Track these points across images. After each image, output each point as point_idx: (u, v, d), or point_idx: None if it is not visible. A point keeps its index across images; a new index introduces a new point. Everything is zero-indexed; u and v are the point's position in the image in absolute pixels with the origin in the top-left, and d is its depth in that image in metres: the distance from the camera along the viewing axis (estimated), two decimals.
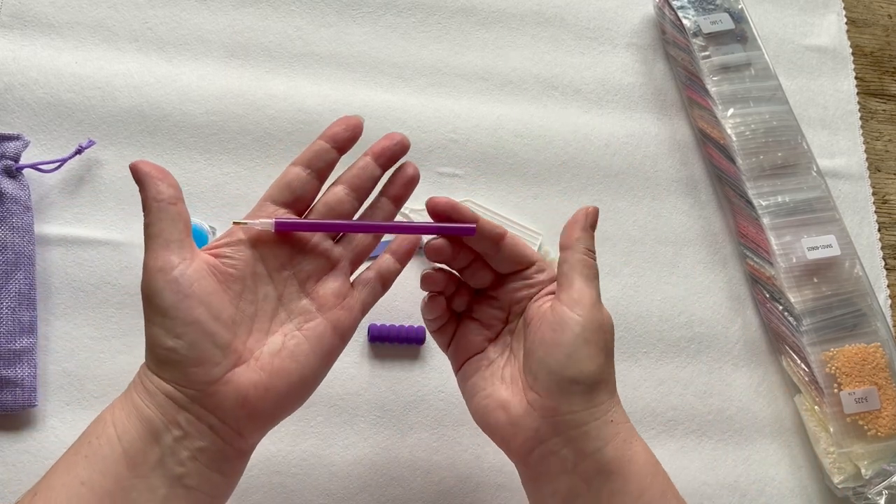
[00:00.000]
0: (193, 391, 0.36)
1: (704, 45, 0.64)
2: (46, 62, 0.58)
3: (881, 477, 0.55)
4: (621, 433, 0.39)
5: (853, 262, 0.59)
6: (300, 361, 0.38)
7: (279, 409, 0.38)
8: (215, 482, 0.37)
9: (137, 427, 0.36)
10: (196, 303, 0.36)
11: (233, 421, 0.37)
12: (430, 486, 0.54)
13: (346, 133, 0.41)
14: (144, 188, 0.37)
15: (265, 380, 0.37)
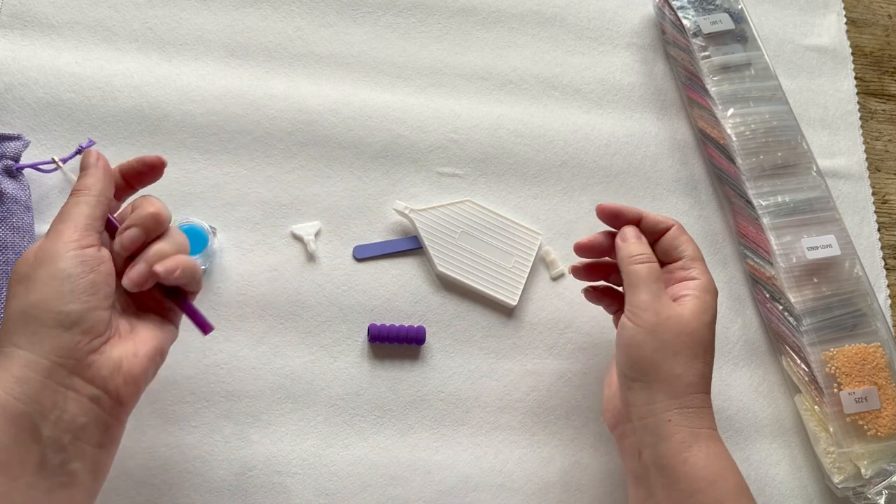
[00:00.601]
0: (73, 360, 0.37)
1: (704, 45, 0.64)
2: (46, 62, 0.58)
3: (881, 477, 0.55)
4: (678, 435, 0.44)
5: (853, 262, 0.59)
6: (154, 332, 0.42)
7: (148, 370, 0.41)
8: (97, 458, 0.38)
9: (8, 431, 0.35)
10: (103, 277, 0.39)
11: (112, 388, 0.39)
12: (430, 486, 0.54)
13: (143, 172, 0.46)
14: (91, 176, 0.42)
15: (131, 347, 0.40)
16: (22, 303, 0.37)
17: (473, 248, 0.59)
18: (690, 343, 0.45)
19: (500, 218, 0.60)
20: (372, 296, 0.57)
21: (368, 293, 0.58)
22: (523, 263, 0.59)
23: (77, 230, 0.39)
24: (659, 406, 0.44)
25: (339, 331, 0.56)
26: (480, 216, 0.60)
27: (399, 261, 0.59)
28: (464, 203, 0.60)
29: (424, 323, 0.57)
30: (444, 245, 0.59)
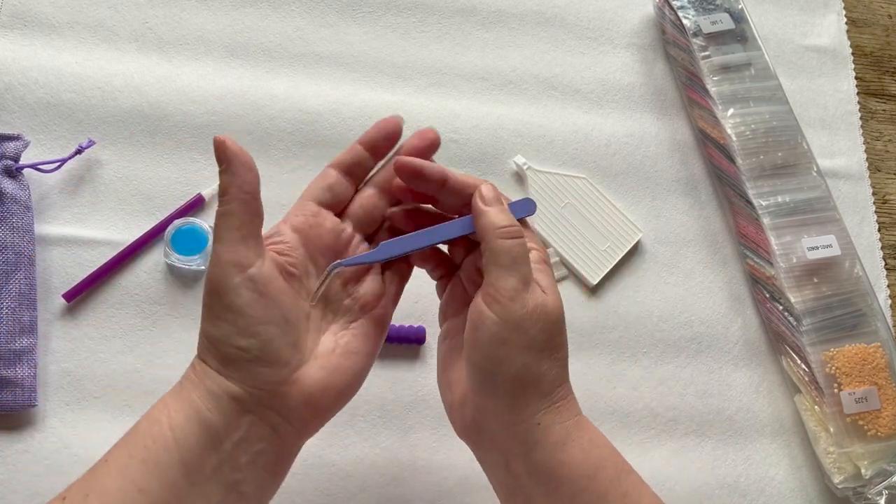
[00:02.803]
0: (262, 392, 0.35)
1: (704, 45, 0.64)
2: (46, 62, 0.58)
3: (881, 477, 0.55)
4: (551, 437, 0.37)
5: (853, 262, 0.59)
6: (353, 359, 0.38)
7: (337, 404, 0.39)
8: (267, 484, 0.37)
9: (197, 433, 0.34)
10: (272, 302, 0.35)
11: (297, 420, 0.36)
12: (430, 486, 0.54)
13: (385, 143, 0.40)
14: (233, 174, 0.35)
15: (326, 377, 0.37)
16: (207, 330, 0.35)
17: (574, 221, 0.61)
18: (556, 333, 0.37)
19: (609, 203, 0.62)
20: None
21: None
22: (616, 250, 0.61)
23: (232, 249, 0.35)
24: (526, 411, 0.37)
25: None
26: (590, 195, 0.62)
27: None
28: (580, 179, 0.62)
29: (424, 323, 0.57)
30: (547, 209, 0.61)
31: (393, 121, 0.40)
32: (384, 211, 0.41)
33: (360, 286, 0.40)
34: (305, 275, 0.38)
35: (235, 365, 0.35)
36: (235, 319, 0.34)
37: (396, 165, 0.39)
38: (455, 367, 0.40)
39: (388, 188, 0.41)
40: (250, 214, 0.35)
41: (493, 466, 0.39)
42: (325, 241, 0.39)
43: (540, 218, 0.61)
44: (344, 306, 0.40)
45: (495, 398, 0.37)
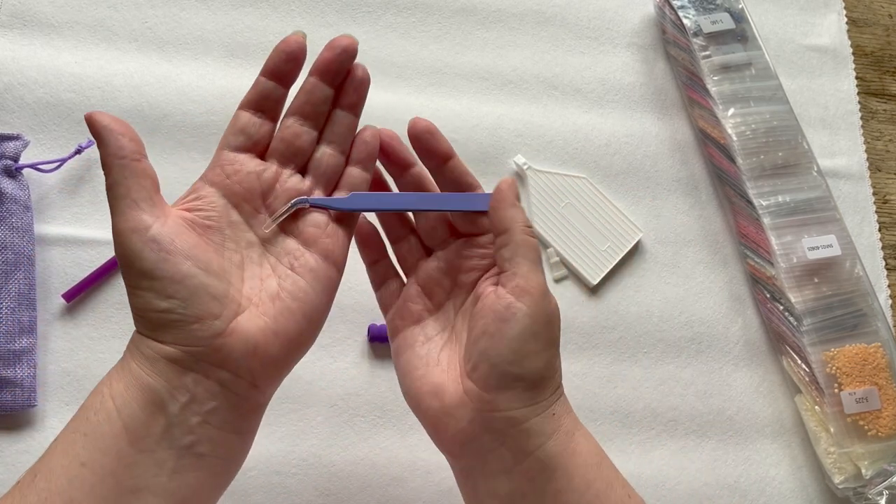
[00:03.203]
0: (198, 348, 0.34)
1: (705, 44, 0.64)
2: (46, 62, 0.58)
3: (881, 477, 0.55)
4: (563, 426, 0.37)
5: (854, 262, 0.59)
6: (301, 299, 0.36)
7: (292, 351, 0.37)
8: (230, 444, 0.36)
9: (138, 398, 0.33)
10: (181, 258, 0.34)
11: (246, 372, 0.35)
12: (430, 486, 0.54)
13: (289, 65, 0.38)
14: (104, 143, 0.35)
15: (271, 324, 0.35)
16: (130, 303, 0.35)
17: (574, 220, 0.61)
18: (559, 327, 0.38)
19: (609, 203, 0.62)
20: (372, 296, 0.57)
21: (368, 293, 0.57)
22: (616, 250, 0.61)
23: (125, 217, 0.34)
24: (543, 403, 0.36)
25: (339, 331, 0.56)
26: (590, 195, 0.62)
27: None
28: (580, 179, 0.62)
29: None
30: (547, 209, 0.61)
31: (292, 39, 0.37)
32: (309, 138, 0.39)
33: (300, 221, 0.38)
34: (228, 224, 0.37)
35: (163, 328, 0.34)
36: (151, 284, 0.33)
37: (411, 123, 0.39)
38: (435, 371, 0.38)
39: (310, 112, 0.38)
40: (135, 177, 0.35)
41: (492, 475, 0.37)
42: (245, 186, 0.37)
43: (540, 218, 0.61)
44: (285, 247, 0.38)
45: (512, 392, 0.36)
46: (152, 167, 0.36)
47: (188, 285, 0.34)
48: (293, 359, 0.38)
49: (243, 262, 0.37)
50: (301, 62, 0.38)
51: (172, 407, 0.34)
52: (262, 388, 0.36)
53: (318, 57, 0.38)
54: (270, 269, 0.37)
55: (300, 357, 0.38)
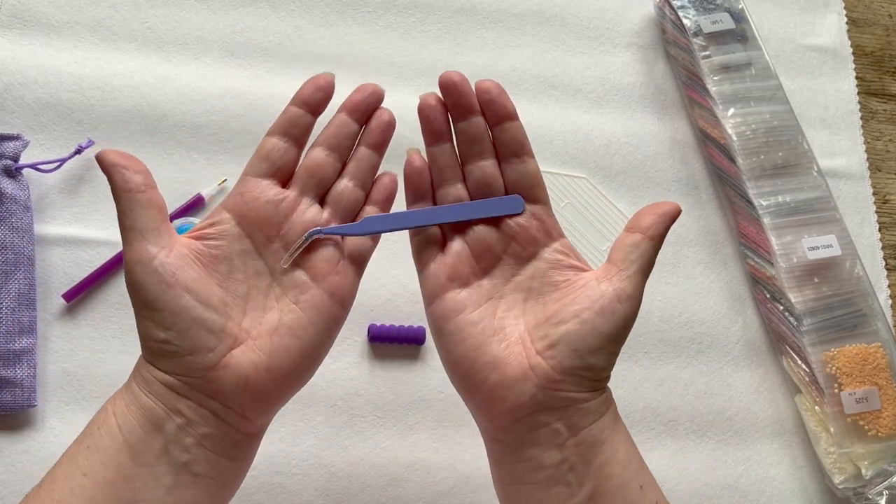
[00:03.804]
0: (192, 378, 0.35)
1: (705, 44, 0.64)
2: (46, 62, 0.58)
3: (882, 477, 0.55)
4: (612, 405, 0.39)
5: (854, 262, 0.59)
6: (299, 336, 0.37)
7: (284, 388, 0.37)
8: (224, 467, 0.37)
9: (138, 416, 0.35)
10: (181, 291, 0.35)
11: (236, 405, 0.36)
12: (430, 486, 0.54)
13: (319, 94, 0.39)
14: (112, 179, 0.36)
15: (265, 360, 0.36)
16: (137, 329, 0.36)
17: (574, 221, 0.61)
18: None
19: (609, 203, 0.62)
20: (372, 296, 0.57)
21: (368, 293, 0.58)
22: None
23: (132, 248, 0.35)
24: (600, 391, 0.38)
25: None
26: (590, 196, 0.62)
27: (399, 261, 0.59)
28: (580, 179, 0.62)
29: (424, 323, 0.57)
30: None
31: (321, 76, 0.39)
32: (332, 169, 0.39)
33: (312, 253, 0.38)
34: (238, 253, 0.37)
35: (161, 357, 0.35)
36: (151, 315, 0.35)
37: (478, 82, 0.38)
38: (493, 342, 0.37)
39: (336, 144, 0.39)
40: (141, 209, 0.36)
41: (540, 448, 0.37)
42: (261, 215, 0.37)
43: None
44: (293, 279, 0.38)
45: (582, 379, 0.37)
46: (160, 197, 0.37)
47: (185, 318, 0.35)
48: (286, 394, 0.38)
49: (249, 293, 0.37)
50: (330, 94, 0.39)
51: (169, 427, 0.35)
52: (252, 419, 0.37)
53: (348, 97, 0.40)
54: (274, 301, 0.38)
55: (294, 392, 0.38)
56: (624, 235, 0.39)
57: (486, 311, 0.38)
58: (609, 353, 0.37)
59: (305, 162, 0.39)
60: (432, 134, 0.39)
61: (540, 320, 0.38)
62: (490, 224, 0.39)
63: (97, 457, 0.35)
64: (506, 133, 0.40)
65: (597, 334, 0.37)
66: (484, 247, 0.39)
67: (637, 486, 0.38)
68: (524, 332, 0.38)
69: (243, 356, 0.36)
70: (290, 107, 0.39)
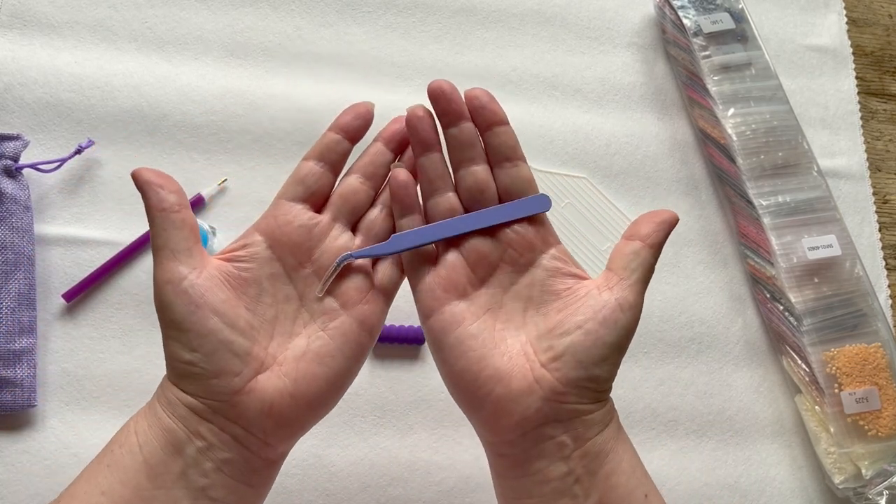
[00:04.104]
0: (216, 402, 0.35)
1: (705, 44, 0.64)
2: (46, 62, 0.58)
3: (882, 477, 0.55)
4: (615, 415, 0.39)
5: (854, 262, 0.59)
6: (326, 364, 0.36)
7: (308, 415, 0.37)
8: (242, 494, 0.36)
9: (159, 437, 0.35)
10: (209, 313, 0.35)
11: (258, 430, 0.36)
12: (430, 486, 0.54)
13: (357, 122, 0.39)
14: (147, 197, 0.36)
15: (290, 386, 0.36)
16: (164, 348, 0.36)
17: (574, 221, 0.61)
18: None
19: (609, 203, 0.62)
20: None
21: None
22: None
23: (162, 268, 0.35)
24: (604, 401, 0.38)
25: None
26: (591, 196, 0.62)
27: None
28: (580, 179, 0.62)
29: None
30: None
31: (362, 104, 0.40)
32: (366, 196, 0.39)
33: (342, 280, 0.38)
34: (268, 277, 0.37)
35: (186, 378, 0.35)
36: (178, 336, 0.35)
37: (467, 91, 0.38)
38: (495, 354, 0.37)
39: (372, 173, 0.39)
40: (174, 229, 0.36)
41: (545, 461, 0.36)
42: (293, 239, 0.37)
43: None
44: (323, 306, 0.37)
45: (588, 390, 0.37)
46: (193, 217, 0.37)
47: (212, 340, 0.35)
48: (310, 422, 0.38)
49: (276, 317, 0.37)
50: (369, 123, 0.39)
51: (189, 450, 0.35)
52: (274, 445, 0.37)
53: (385, 127, 0.40)
54: (302, 326, 0.37)
55: (317, 420, 0.38)
56: (623, 243, 0.38)
57: (485, 323, 0.38)
58: (613, 363, 0.37)
59: (340, 189, 0.39)
60: (421, 144, 0.39)
61: (542, 331, 0.37)
62: (484, 233, 0.39)
63: (116, 476, 0.34)
64: (497, 138, 0.39)
65: (601, 345, 0.36)
66: (479, 256, 0.38)
67: (642, 495, 0.38)
68: (526, 344, 0.37)
69: (268, 382, 0.36)
70: (329, 133, 0.39)
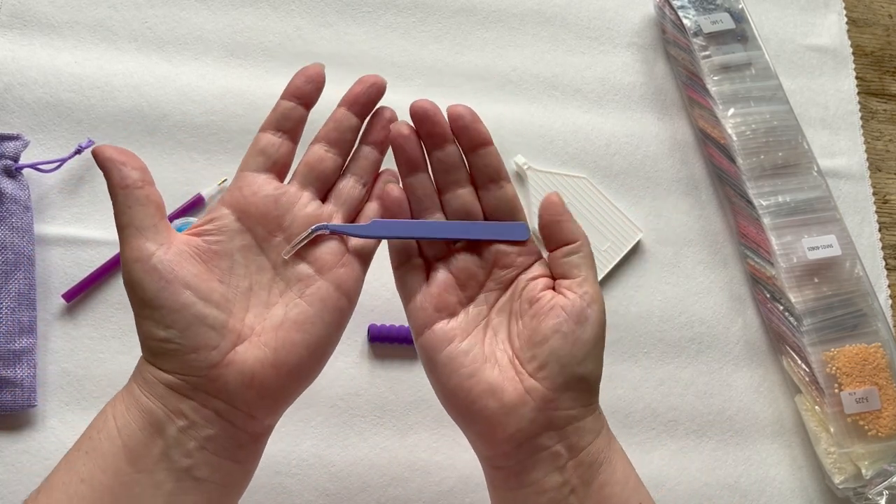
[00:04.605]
0: (195, 378, 0.34)
1: (705, 44, 0.64)
2: (46, 62, 0.58)
3: (882, 477, 0.55)
4: (605, 423, 0.39)
5: (854, 262, 0.59)
6: (306, 330, 0.36)
7: (291, 384, 0.36)
8: (228, 470, 0.36)
9: (138, 419, 0.34)
10: (180, 287, 0.34)
11: (242, 403, 0.35)
12: (430, 486, 0.54)
13: (309, 86, 0.39)
14: (108, 174, 0.35)
15: (271, 356, 0.35)
16: (137, 329, 0.35)
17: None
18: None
19: (609, 203, 0.62)
20: (372, 296, 0.57)
21: (368, 293, 0.57)
22: (616, 251, 0.61)
23: (129, 246, 0.35)
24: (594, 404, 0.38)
25: None
26: (590, 195, 0.62)
27: None
28: (580, 179, 0.62)
29: None
30: None
31: (312, 66, 0.39)
32: (333, 164, 0.39)
33: (316, 246, 0.38)
34: (240, 248, 0.37)
35: (162, 356, 0.34)
36: (151, 313, 0.34)
37: (450, 108, 0.39)
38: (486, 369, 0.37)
39: (336, 139, 0.39)
40: (139, 205, 0.35)
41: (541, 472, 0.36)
42: (261, 209, 0.37)
43: None
44: (298, 272, 0.37)
45: (576, 392, 0.37)
46: (158, 193, 0.36)
47: (186, 315, 0.34)
48: (293, 391, 0.37)
49: (251, 288, 0.37)
50: (321, 85, 0.39)
51: (170, 430, 0.34)
52: (259, 418, 0.36)
53: (348, 90, 0.40)
54: (278, 295, 0.37)
55: (302, 389, 0.38)
56: (555, 253, 0.39)
57: (475, 339, 0.38)
58: (595, 358, 0.37)
59: (306, 157, 0.39)
60: (408, 164, 0.39)
61: (524, 342, 0.38)
62: (472, 251, 0.39)
63: (96, 462, 0.34)
64: (481, 160, 0.39)
65: (580, 344, 0.37)
66: (468, 275, 0.39)
67: None
68: (513, 357, 0.38)
69: (248, 352, 0.35)
70: (282, 101, 0.39)
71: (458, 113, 0.39)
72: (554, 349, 0.36)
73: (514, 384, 0.37)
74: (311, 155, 0.39)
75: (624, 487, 0.38)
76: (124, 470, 0.34)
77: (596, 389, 0.38)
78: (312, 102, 0.39)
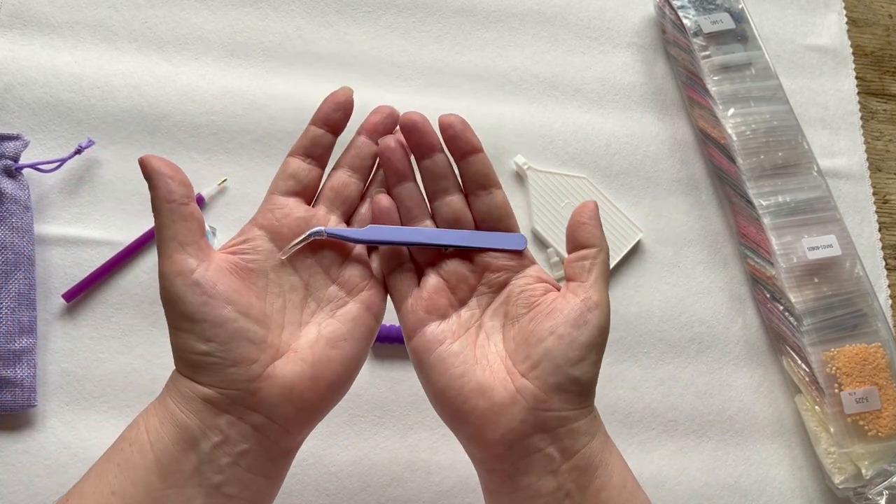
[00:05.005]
0: (234, 391, 0.35)
1: (705, 44, 0.64)
2: (46, 62, 0.58)
3: (882, 477, 0.55)
4: (601, 427, 0.38)
5: (854, 262, 0.59)
6: (340, 347, 0.37)
7: (327, 398, 0.38)
8: (258, 486, 0.36)
9: (171, 434, 0.34)
10: (222, 302, 0.35)
11: (280, 417, 0.36)
12: (430, 486, 0.54)
13: (338, 114, 0.40)
14: (155, 187, 0.36)
15: (309, 370, 0.36)
16: (171, 341, 0.36)
17: None
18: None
19: (609, 203, 0.62)
20: None
21: None
22: (616, 250, 0.61)
23: (171, 260, 0.35)
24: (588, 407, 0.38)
25: None
26: (591, 196, 0.62)
27: None
28: (580, 179, 0.62)
29: None
30: (547, 209, 0.61)
31: (340, 92, 0.41)
32: (356, 189, 0.41)
33: (345, 269, 0.39)
34: (273, 268, 0.38)
35: (201, 370, 0.35)
36: (191, 327, 0.35)
37: (441, 118, 0.39)
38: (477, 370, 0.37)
39: (358, 166, 0.41)
40: (182, 221, 0.36)
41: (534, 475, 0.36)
42: (293, 231, 0.38)
43: (540, 218, 0.61)
44: (328, 294, 0.39)
45: (569, 394, 0.37)
46: (199, 211, 0.37)
47: (228, 329, 0.35)
48: (328, 405, 0.38)
49: (285, 307, 0.38)
50: (349, 112, 0.41)
51: (204, 446, 0.34)
52: (293, 433, 0.37)
53: (366, 118, 0.41)
54: (310, 315, 0.38)
55: (334, 403, 0.39)
56: (571, 255, 0.40)
57: (466, 341, 0.38)
58: (590, 363, 0.37)
59: (331, 182, 0.41)
60: (396, 175, 0.40)
61: (519, 343, 0.38)
62: (463, 256, 0.40)
63: (127, 475, 0.34)
64: (471, 167, 0.40)
65: (577, 346, 0.37)
66: (459, 278, 0.40)
67: None
68: (506, 358, 0.38)
69: (286, 367, 0.36)
70: (311, 126, 0.40)
71: (449, 122, 0.39)
72: (548, 349, 0.37)
73: (505, 384, 0.37)
74: (337, 180, 0.40)
75: (621, 492, 0.37)
76: (155, 485, 0.34)
77: (591, 392, 0.38)
78: (341, 129, 0.41)
